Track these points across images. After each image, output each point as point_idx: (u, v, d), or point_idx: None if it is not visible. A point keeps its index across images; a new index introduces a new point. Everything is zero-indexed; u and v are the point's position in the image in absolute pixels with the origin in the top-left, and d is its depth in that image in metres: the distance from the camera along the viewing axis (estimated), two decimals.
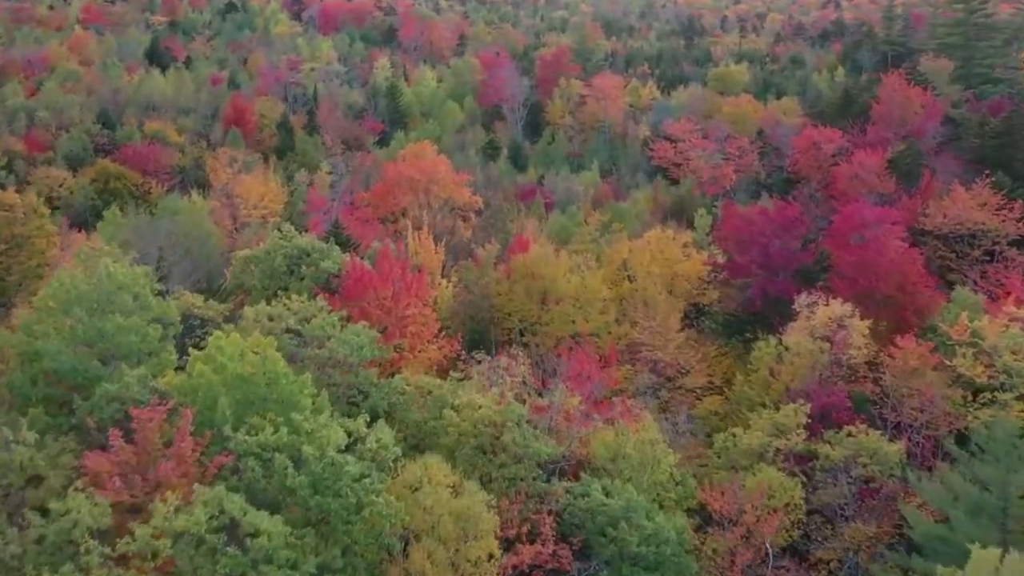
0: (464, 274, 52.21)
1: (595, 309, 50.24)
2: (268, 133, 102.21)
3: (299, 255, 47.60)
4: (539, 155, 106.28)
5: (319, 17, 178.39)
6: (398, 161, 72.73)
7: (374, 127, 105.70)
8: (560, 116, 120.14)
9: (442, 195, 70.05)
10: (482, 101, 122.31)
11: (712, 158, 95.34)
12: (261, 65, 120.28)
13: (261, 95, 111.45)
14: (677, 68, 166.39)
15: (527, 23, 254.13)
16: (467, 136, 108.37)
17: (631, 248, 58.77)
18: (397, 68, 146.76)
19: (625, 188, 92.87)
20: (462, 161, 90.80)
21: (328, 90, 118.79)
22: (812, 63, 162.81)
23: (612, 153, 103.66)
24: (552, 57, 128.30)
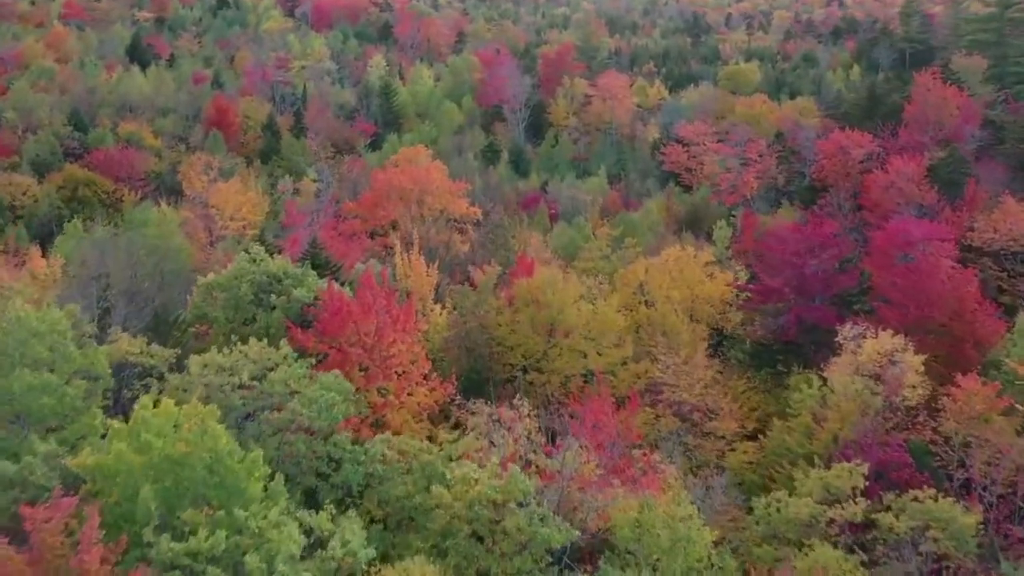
0: (459, 300, 45.79)
1: (609, 342, 43.82)
2: (252, 135, 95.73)
3: (269, 282, 41.19)
4: (542, 159, 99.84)
5: (312, 13, 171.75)
6: (388, 168, 66.29)
7: (366, 129, 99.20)
8: (564, 117, 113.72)
9: (436, 206, 63.63)
10: (481, 101, 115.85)
11: (727, 162, 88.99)
12: (248, 63, 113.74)
13: (246, 95, 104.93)
14: (684, 66, 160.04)
15: (528, 20, 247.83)
16: (465, 139, 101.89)
17: (648, 268, 52.34)
18: (392, 66, 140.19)
19: (635, 195, 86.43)
20: (459, 166, 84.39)
21: (319, 89, 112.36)
22: (826, 61, 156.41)
23: (620, 157, 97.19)
24: (555, 55, 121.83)
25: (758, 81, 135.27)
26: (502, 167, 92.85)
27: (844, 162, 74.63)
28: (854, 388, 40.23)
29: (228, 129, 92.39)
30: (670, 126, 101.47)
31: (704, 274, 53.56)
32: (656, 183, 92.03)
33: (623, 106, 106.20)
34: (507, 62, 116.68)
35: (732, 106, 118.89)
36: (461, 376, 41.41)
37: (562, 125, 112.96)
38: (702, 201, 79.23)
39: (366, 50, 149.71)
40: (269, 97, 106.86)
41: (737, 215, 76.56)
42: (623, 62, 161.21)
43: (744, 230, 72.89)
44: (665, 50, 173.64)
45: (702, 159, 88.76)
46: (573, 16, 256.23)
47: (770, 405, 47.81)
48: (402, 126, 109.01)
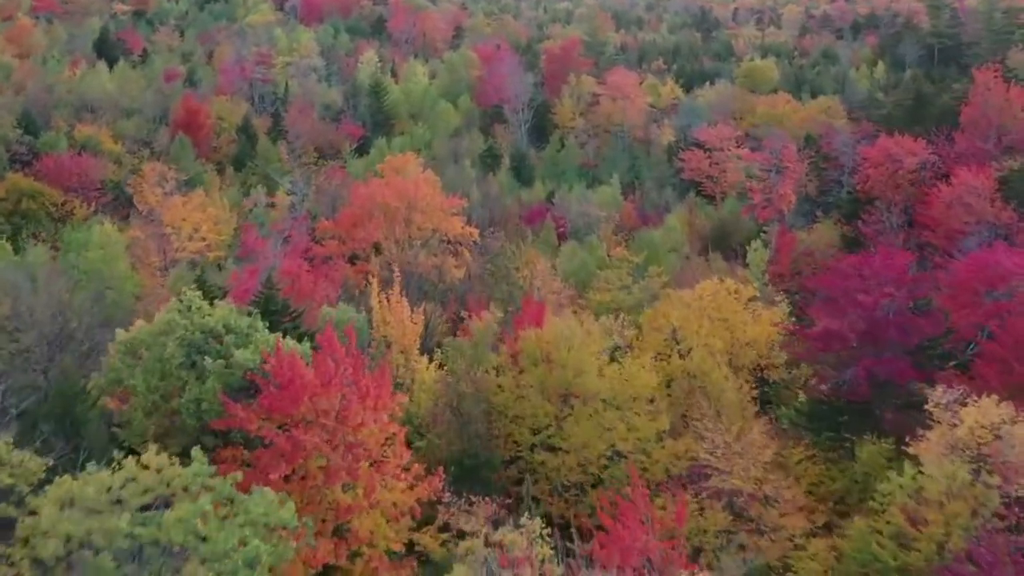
0: (451, 356, 36.58)
1: (640, 410, 34.57)
2: (226, 139, 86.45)
3: (204, 339, 31.96)
4: (546, 165, 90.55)
5: (301, 7, 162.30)
6: (371, 181, 56.96)
7: (352, 132, 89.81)
8: (570, 118, 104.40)
9: (427, 225, 54.38)
10: (480, 100, 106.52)
11: (756, 170, 79.76)
12: (226, 59, 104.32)
13: (222, 94, 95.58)
14: (696, 63, 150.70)
15: (529, 15, 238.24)
16: (462, 142, 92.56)
17: (679, 305, 43.08)
18: (385, 62, 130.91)
19: (651, 207, 77.12)
20: (455, 175, 75.17)
21: (303, 88, 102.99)
22: (846, 58, 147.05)
23: (633, 163, 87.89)
24: (561, 50, 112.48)
25: (777, 79, 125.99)
26: (503, 175, 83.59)
27: (892, 171, 65.43)
28: (961, 478, 31.03)
29: (198, 132, 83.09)
30: (687, 129, 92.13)
31: (747, 313, 44.47)
32: (674, 193, 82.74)
33: (635, 107, 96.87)
34: (508, 58, 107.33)
35: (752, 106, 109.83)
36: (451, 461, 32.18)
37: (568, 127, 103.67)
38: (730, 215, 69.97)
39: (358, 45, 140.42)
40: (248, 96, 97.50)
41: (769, 231, 67.35)
42: (631, 59, 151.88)
43: (779, 250, 63.72)
44: (675, 46, 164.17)
45: (726, 166, 79.51)
46: (576, 11, 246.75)
47: (835, 480, 38.75)
48: (393, 128, 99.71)
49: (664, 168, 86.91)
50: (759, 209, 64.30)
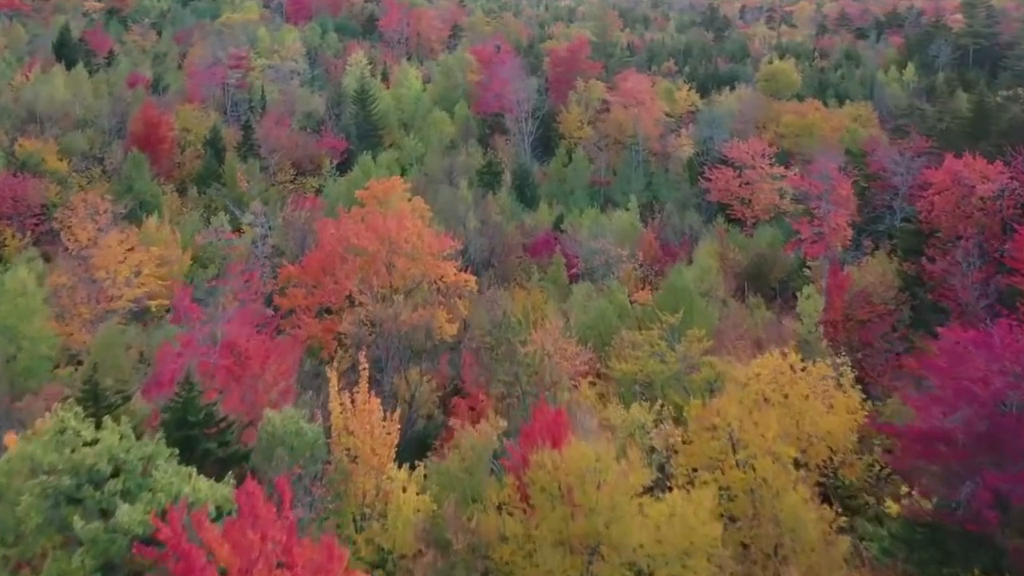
0: (436, 481, 26.77)
1: (699, 569, 24.77)
2: (191, 154, 76.60)
3: (78, 485, 22.21)
4: (552, 182, 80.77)
5: (288, 3, 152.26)
6: (343, 218, 46.93)
7: (335, 145, 79.79)
8: (577, 127, 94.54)
9: (413, 271, 44.55)
10: (479, 107, 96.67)
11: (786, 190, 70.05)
12: (196, 62, 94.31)
13: (191, 101, 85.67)
14: (710, 65, 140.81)
15: (530, 13, 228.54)
16: (458, 158, 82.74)
17: (735, 393, 33.24)
18: (376, 64, 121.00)
19: (674, 234, 67.27)
20: (450, 198, 65.40)
21: (284, 94, 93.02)
22: (871, 60, 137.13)
23: (649, 180, 78.17)
24: (567, 52, 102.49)
25: (799, 83, 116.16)
26: (503, 195, 73.74)
27: (961, 198, 55.60)
28: None
29: (158, 147, 73.32)
30: (709, 142, 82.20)
31: (818, 396, 34.74)
32: (698, 216, 72.86)
33: (650, 115, 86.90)
34: (509, 61, 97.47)
35: (776, 114, 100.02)
36: None
37: (575, 137, 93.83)
38: (768, 249, 60.12)
39: (347, 46, 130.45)
40: (220, 105, 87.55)
41: (814, 267, 57.56)
42: (640, 60, 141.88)
43: (831, 292, 53.93)
44: (686, 46, 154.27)
45: (758, 187, 69.71)
46: (578, 8, 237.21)
47: None
48: (382, 139, 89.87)
49: (685, 187, 77.06)
50: (808, 244, 54.47)
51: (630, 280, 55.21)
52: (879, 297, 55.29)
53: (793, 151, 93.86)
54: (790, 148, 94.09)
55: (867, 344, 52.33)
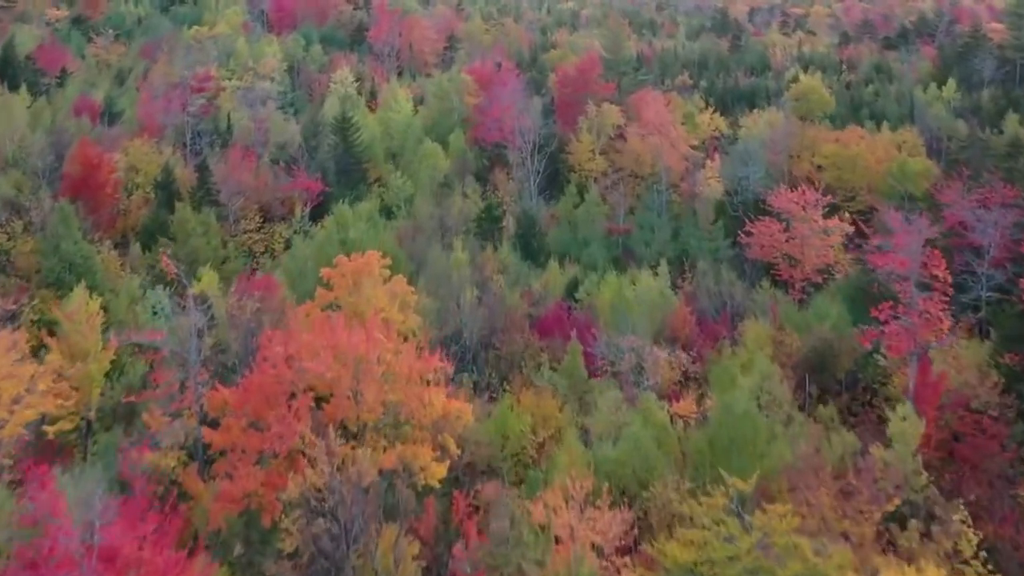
0: None
1: None
2: (139, 199, 65.21)
3: None
4: (563, 229, 69.41)
5: (271, 10, 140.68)
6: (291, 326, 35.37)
7: (309, 187, 68.21)
8: (589, 158, 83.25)
9: (390, 398, 33.23)
10: (477, 134, 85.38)
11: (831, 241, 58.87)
12: (154, 84, 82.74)
13: (145, 132, 74.27)
14: (728, 79, 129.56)
15: (531, 17, 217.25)
16: (452, 199, 71.55)
17: None
18: (364, 81, 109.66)
19: (712, 303, 55.89)
20: (440, 265, 54.14)
21: (256, 121, 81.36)
22: (903, 74, 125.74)
23: (676, 229, 66.80)
24: (576, 71, 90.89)
25: (833, 103, 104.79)
26: (505, 250, 62.39)
27: None
28: None
29: (98, 192, 62.01)
30: (744, 183, 70.82)
31: None
32: (734, 272, 61.57)
33: (675, 150, 75.38)
34: (510, 82, 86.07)
35: (812, 141, 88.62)
36: None
37: (587, 170, 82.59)
38: (832, 333, 48.70)
39: (332, 59, 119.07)
40: (180, 136, 76.04)
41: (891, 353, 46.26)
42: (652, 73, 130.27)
43: (920, 398, 42.71)
44: (700, 56, 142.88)
45: (810, 243, 58.41)
46: (582, 12, 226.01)
47: None
48: (367, 172, 78.43)
49: (718, 236, 65.63)
50: (894, 339, 42.95)
51: (667, 380, 43.90)
52: (979, 402, 44.15)
53: (835, 186, 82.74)
54: (831, 183, 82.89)
55: (973, 467, 41.15)
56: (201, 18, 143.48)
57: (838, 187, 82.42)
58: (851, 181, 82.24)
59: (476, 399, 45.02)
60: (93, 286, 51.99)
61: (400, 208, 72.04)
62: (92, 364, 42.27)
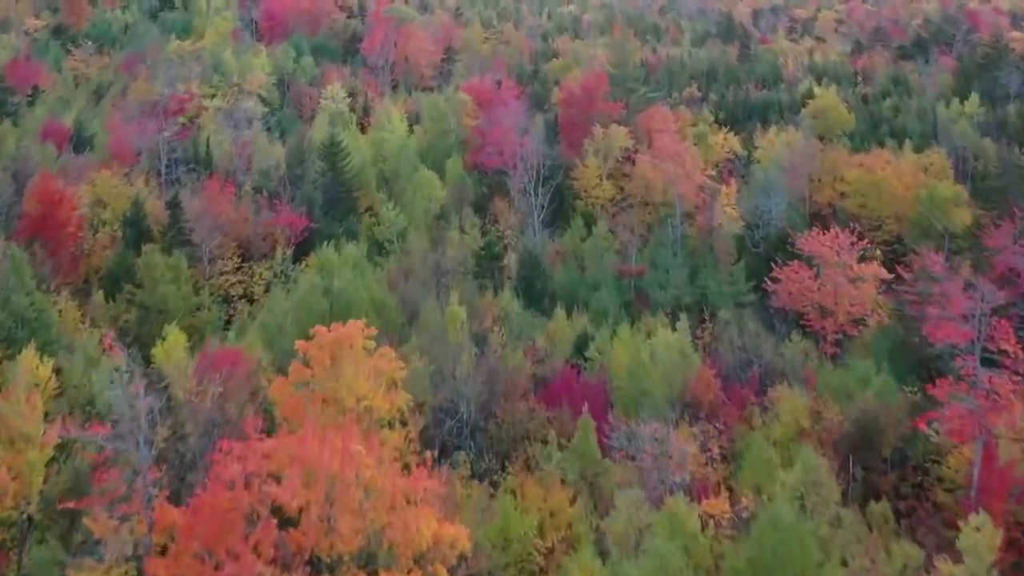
0: None
1: None
2: (105, 239, 59.52)
3: None
4: (570, 268, 63.72)
5: (261, 18, 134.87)
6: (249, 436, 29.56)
7: (293, 222, 62.43)
8: (595, 185, 77.55)
9: (370, 527, 27.55)
10: (475, 158, 79.77)
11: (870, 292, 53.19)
12: (128, 107, 76.93)
13: (117, 160, 68.62)
14: (739, 91, 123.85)
15: (531, 22, 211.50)
16: (449, 234, 65.99)
17: None
18: (357, 95, 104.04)
19: (737, 361, 50.24)
20: (434, 326, 48.51)
21: (238, 144, 75.54)
22: (920, 84, 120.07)
23: (694, 270, 61.11)
24: (582, 90, 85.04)
25: (854, 121, 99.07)
26: (507, 297, 56.69)
27: None
28: None
29: (59, 232, 56.37)
30: (765, 216, 65.17)
31: None
32: (758, 318, 56.05)
33: (690, 181, 69.60)
34: (512, 103, 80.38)
35: (833, 164, 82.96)
36: None
37: (593, 197, 76.94)
38: (877, 404, 43.05)
39: (324, 71, 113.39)
40: (155, 164, 70.32)
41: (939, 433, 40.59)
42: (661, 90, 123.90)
43: (985, 490, 37.15)
44: (709, 67, 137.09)
45: (843, 292, 52.74)
46: (583, 16, 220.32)
47: None
48: (357, 201, 72.78)
49: (739, 278, 59.89)
50: (953, 423, 37.15)
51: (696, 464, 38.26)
52: None
53: (859, 214, 77.14)
54: (855, 211, 77.36)
55: None
56: (191, 25, 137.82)
57: (863, 215, 76.84)
58: (877, 209, 76.64)
59: (474, 485, 39.55)
60: (47, 344, 46.70)
61: (392, 243, 66.49)
62: (32, 451, 36.74)
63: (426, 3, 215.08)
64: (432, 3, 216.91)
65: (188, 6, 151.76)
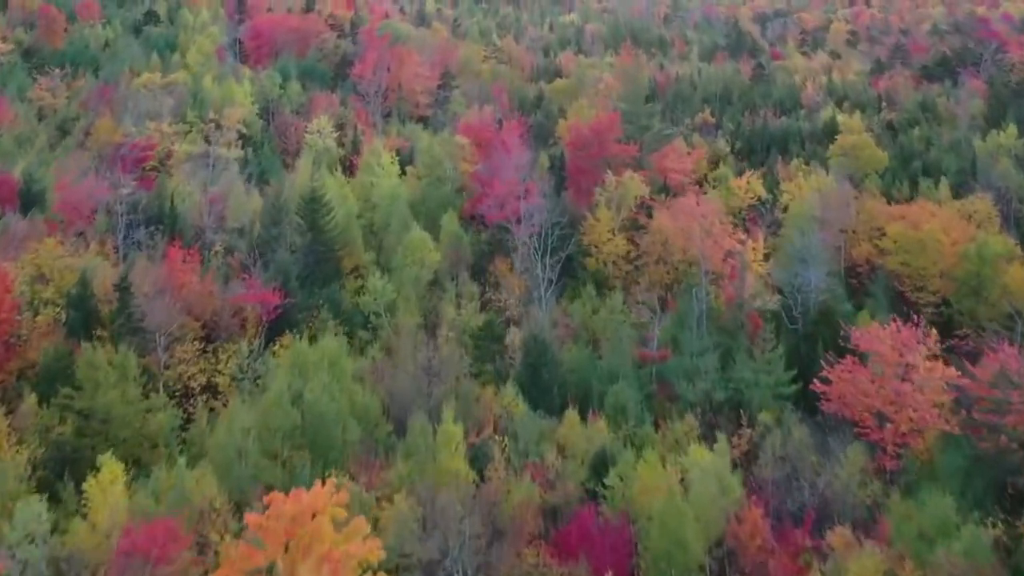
0: None
1: None
2: (46, 323, 51.41)
3: None
4: (580, 353, 55.61)
5: (246, 38, 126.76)
6: None
7: (265, 299, 54.25)
8: (607, 239, 69.65)
9: None
10: (474, 209, 72.00)
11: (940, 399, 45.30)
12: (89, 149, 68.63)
13: (68, 220, 60.63)
14: (757, 118, 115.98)
15: (533, 34, 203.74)
16: (443, 305, 58.13)
17: None
18: (347, 128, 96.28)
19: (786, 492, 42.30)
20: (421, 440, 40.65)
21: (210, 197, 67.48)
22: (958, 116, 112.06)
23: (725, 357, 53.05)
24: (591, 132, 76.86)
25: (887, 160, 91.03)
26: (510, 394, 48.70)
27: None
28: None
29: None
30: (804, 288, 57.15)
31: None
32: (801, 418, 48.21)
33: (717, 246, 61.56)
34: (514, 147, 72.25)
35: (870, 214, 75.15)
36: None
37: (605, 253, 69.04)
38: (969, 564, 35.09)
39: (312, 98, 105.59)
40: (114, 224, 62.24)
41: None
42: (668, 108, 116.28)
43: None
44: (723, 89, 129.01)
45: (910, 399, 44.72)
46: (586, 26, 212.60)
47: None
48: (341, 261, 64.88)
49: (777, 367, 51.80)
50: None
51: None
52: None
53: (901, 273, 69.36)
54: (897, 269, 69.56)
55: None
56: (176, 41, 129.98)
57: (905, 274, 69.26)
58: (921, 267, 68.84)
59: None
60: None
61: (380, 316, 58.57)
62: None
63: (423, 15, 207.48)
64: (430, 15, 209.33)
65: (174, 20, 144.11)
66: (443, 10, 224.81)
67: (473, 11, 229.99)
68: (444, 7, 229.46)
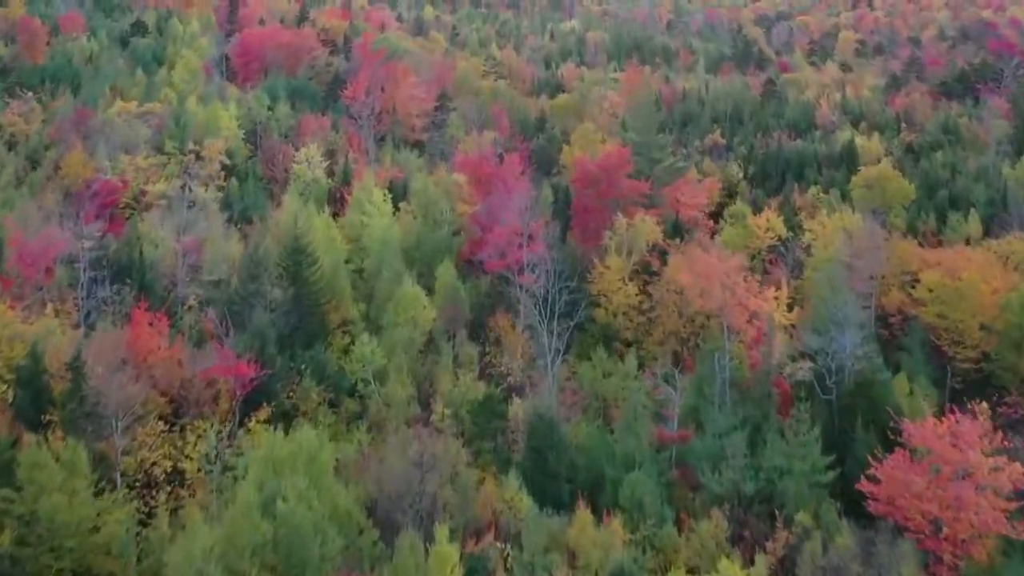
0: None
1: None
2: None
3: None
4: (591, 430, 49.98)
5: (235, 54, 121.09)
6: None
7: (239, 372, 48.54)
8: (617, 288, 64.01)
9: None
10: (471, 253, 66.36)
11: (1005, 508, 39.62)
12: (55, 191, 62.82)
13: (26, 272, 54.92)
14: (771, 141, 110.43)
15: (533, 43, 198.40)
16: (437, 371, 52.57)
17: None
18: (338, 155, 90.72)
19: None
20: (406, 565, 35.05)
21: (184, 246, 61.56)
22: (984, 139, 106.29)
23: (752, 436, 47.29)
24: (599, 169, 71.04)
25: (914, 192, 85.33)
26: (513, 487, 43.05)
27: None
28: None
29: None
30: (839, 354, 51.43)
31: None
32: (841, 516, 42.68)
33: (740, 309, 55.88)
34: (516, 187, 66.58)
35: (902, 258, 69.57)
36: None
37: (615, 304, 63.43)
38: None
39: (301, 121, 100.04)
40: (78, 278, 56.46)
41: None
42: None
43: None
44: (733, 108, 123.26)
45: (967, 499, 39.07)
46: (587, 34, 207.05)
47: None
48: (327, 316, 59.22)
49: (812, 451, 46.07)
50: None
51: None
52: None
53: (937, 325, 63.81)
54: (933, 321, 64.02)
55: None
56: (164, 54, 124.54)
57: (942, 327, 63.69)
58: (959, 319, 63.28)
59: None
60: None
61: (369, 384, 52.98)
62: None
63: (422, 23, 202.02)
64: (428, 23, 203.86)
65: (163, 31, 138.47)
66: (442, 17, 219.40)
67: (472, 17, 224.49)
68: (443, 14, 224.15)
